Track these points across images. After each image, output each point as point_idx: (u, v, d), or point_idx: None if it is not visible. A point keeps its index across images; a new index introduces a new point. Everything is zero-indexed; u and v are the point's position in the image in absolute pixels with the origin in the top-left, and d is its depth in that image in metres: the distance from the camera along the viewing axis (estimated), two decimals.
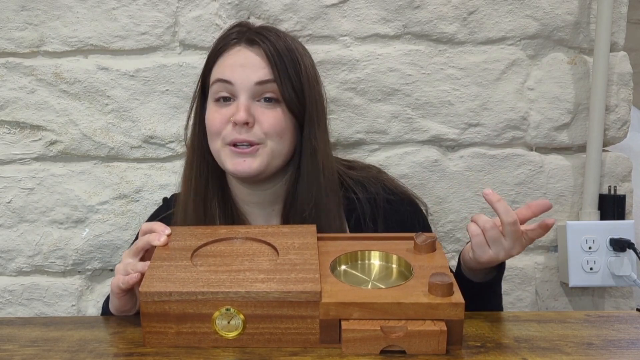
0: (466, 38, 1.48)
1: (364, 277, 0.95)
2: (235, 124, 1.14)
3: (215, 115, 1.18)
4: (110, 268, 1.48)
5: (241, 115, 1.13)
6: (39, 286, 1.47)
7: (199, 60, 1.45)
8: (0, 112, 1.45)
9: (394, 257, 0.96)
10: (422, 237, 0.99)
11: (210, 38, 1.45)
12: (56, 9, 1.44)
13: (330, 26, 1.46)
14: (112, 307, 1.08)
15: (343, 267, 0.96)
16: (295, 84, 1.17)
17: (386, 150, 1.49)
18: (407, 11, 1.47)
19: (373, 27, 1.47)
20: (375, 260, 0.98)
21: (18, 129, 1.46)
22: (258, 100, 1.17)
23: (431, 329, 0.83)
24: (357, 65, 1.46)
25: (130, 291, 1.04)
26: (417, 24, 1.47)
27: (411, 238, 1.00)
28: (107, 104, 1.45)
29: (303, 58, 1.20)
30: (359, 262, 0.98)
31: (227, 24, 1.45)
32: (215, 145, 1.18)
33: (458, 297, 0.86)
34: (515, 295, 1.51)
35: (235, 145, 1.16)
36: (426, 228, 1.27)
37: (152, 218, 1.31)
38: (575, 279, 1.47)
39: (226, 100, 1.17)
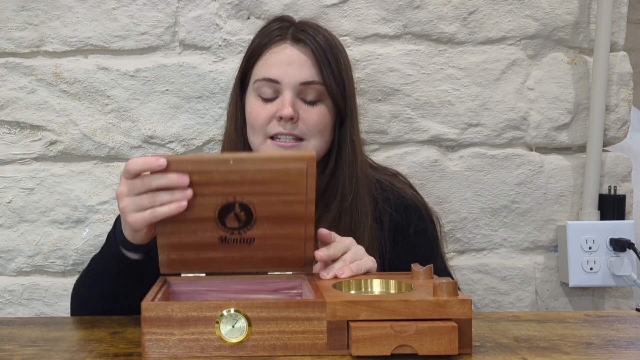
0: (466, 38, 1.48)
1: (365, 293, 0.97)
2: (280, 118, 1.19)
3: (260, 111, 1.22)
4: None
5: (288, 110, 1.19)
6: (39, 286, 1.47)
7: (199, 60, 1.45)
8: (0, 112, 1.45)
9: (393, 282, 0.97)
10: (418, 266, 1.00)
11: (210, 38, 1.45)
12: (56, 9, 1.44)
13: (330, 26, 1.45)
14: (130, 238, 1.02)
15: (344, 288, 0.96)
16: (339, 81, 1.23)
17: (386, 150, 1.49)
18: (407, 11, 1.47)
19: (373, 27, 1.47)
20: (376, 286, 0.99)
21: (18, 129, 1.46)
22: (301, 98, 1.22)
23: (442, 325, 0.83)
24: (357, 65, 1.46)
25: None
26: (417, 24, 1.47)
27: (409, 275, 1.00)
28: (107, 104, 1.45)
29: (343, 54, 1.26)
30: (360, 285, 0.99)
31: (227, 23, 1.45)
32: (257, 139, 1.23)
33: (464, 295, 0.86)
34: (515, 295, 1.51)
35: (277, 138, 1.21)
36: (422, 235, 1.27)
37: None
38: (575, 279, 1.47)
39: (270, 98, 1.22)
